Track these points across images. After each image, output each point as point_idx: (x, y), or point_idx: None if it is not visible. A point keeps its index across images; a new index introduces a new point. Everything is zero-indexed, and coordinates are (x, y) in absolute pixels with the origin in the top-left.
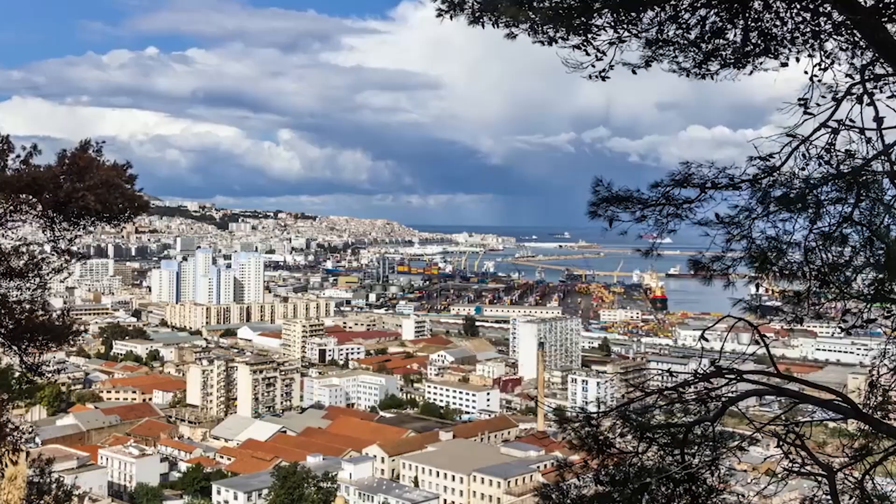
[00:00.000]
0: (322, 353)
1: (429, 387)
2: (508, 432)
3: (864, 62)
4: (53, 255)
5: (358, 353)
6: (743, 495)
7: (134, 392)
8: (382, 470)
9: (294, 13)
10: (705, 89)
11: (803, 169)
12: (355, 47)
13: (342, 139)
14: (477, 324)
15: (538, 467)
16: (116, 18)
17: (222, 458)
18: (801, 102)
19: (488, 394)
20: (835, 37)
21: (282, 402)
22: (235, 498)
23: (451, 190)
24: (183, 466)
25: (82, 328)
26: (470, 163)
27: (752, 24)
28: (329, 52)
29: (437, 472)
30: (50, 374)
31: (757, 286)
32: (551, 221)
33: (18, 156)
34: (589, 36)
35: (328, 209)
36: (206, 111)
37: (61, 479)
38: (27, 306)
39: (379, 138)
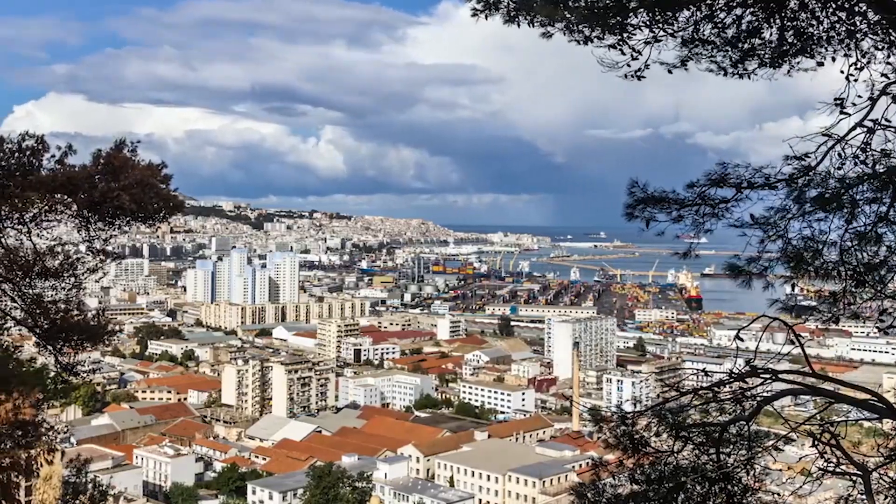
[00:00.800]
0: (357, 352)
1: (464, 386)
2: (543, 432)
3: None
4: (88, 254)
5: (393, 352)
6: (778, 494)
7: (169, 392)
8: (417, 470)
9: (356, 4)
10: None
11: (839, 168)
12: (412, 41)
13: (393, 136)
14: (512, 323)
15: (573, 467)
16: (166, 5)
17: (257, 457)
18: (837, 102)
19: (523, 393)
20: (870, 36)
21: (317, 402)
22: (270, 498)
23: (505, 189)
24: (218, 466)
25: (117, 328)
26: (528, 160)
27: (788, 24)
28: (391, 45)
29: (473, 472)
30: (85, 374)
31: (793, 286)
32: (609, 221)
33: (53, 155)
34: (624, 35)
35: (372, 209)
36: (254, 106)
37: (96, 478)
38: (62, 306)
39: (433, 135)
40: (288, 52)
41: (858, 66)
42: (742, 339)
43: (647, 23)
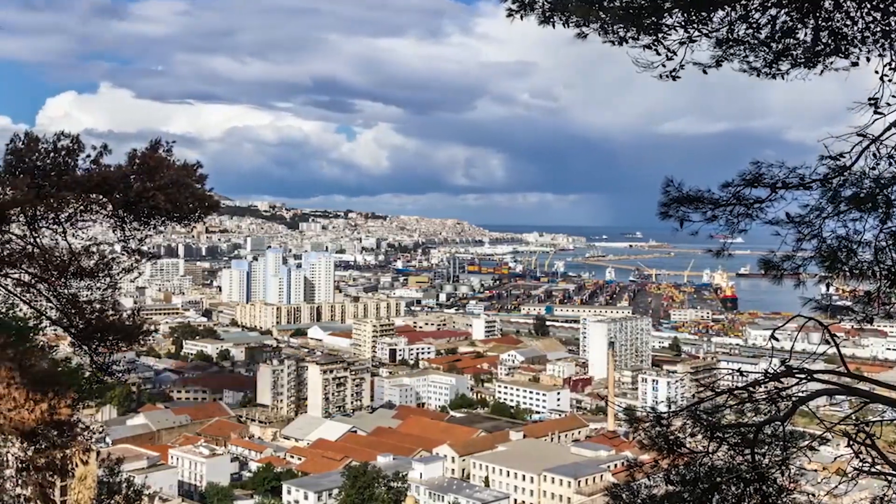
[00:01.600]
0: (392, 352)
1: (499, 386)
2: (579, 432)
3: None
4: (124, 254)
5: (428, 352)
6: (813, 495)
7: (204, 392)
8: (453, 470)
9: None
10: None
11: (874, 168)
12: (474, 34)
13: (447, 133)
14: (547, 323)
15: (608, 467)
16: None
17: (293, 457)
18: (872, 102)
19: (558, 393)
20: None
21: (352, 402)
22: (306, 498)
23: (558, 189)
24: (253, 466)
25: (153, 328)
26: (586, 158)
27: (823, 24)
28: (453, 38)
29: (508, 472)
30: (120, 374)
31: (827, 286)
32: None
33: (88, 155)
34: (659, 35)
35: (417, 208)
36: (309, 100)
37: (132, 478)
38: (97, 306)
39: (488, 133)
40: (344, 43)
41: (893, 66)
42: (777, 339)
43: (682, 23)
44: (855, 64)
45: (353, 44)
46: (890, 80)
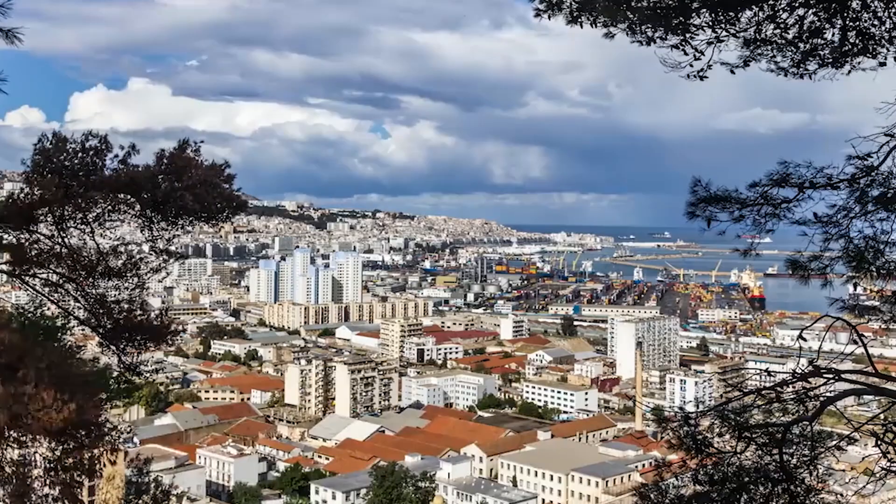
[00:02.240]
0: (420, 352)
1: (527, 386)
2: (606, 432)
3: None
4: (152, 254)
5: (456, 352)
6: (841, 495)
7: (232, 392)
8: (481, 469)
9: None
10: None
11: None
12: (523, 30)
13: (489, 131)
14: (575, 323)
15: (636, 467)
16: None
17: (320, 457)
18: None
19: (586, 393)
20: None
21: (380, 402)
22: (334, 497)
23: (602, 188)
24: (281, 466)
25: (180, 328)
26: (638, 157)
27: (850, 24)
28: (500, 33)
29: (536, 472)
30: (148, 374)
31: (855, 285)
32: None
33: (116, 155)
34: (687, 36)
35: (452, 209)
36: (356, 96)
37: (159, 478)
38: (125, 306)
39: (533, 131)
40: (388, 36)
41: None
42: (805, 339)
43: (710, 23)
44: (882, 64)
45: (397, 36)
46: None
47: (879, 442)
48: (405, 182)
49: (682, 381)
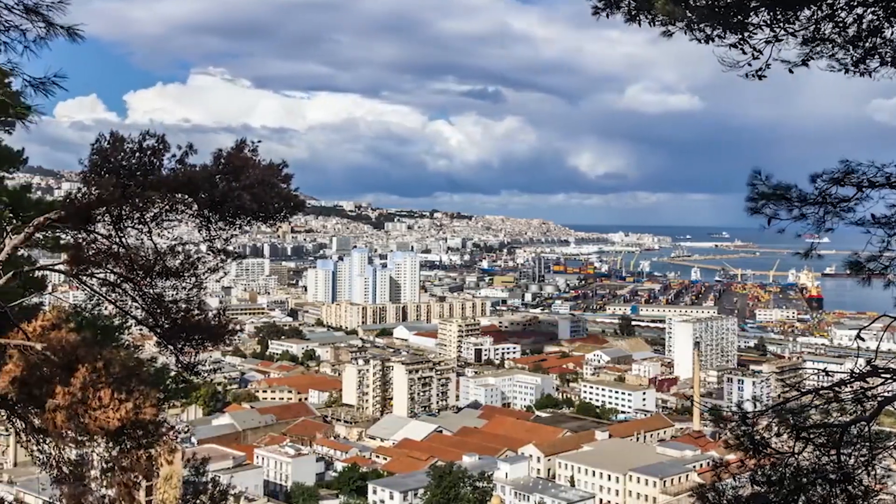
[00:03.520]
0: (478, 352)
1: (584, 386)
2: (664, 432)
3: None
4: (209, 254)
5: (514, 352)
6: None
7: (290, 392)
8: (538, 469)
9: None
10: None
11: None
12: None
13: (581, 128)
14: (632, 323)
15: (694, 467)
16: None
17: (378, 457)
18: None
19: (644, 393)
20: None
21: (437, 402)
22: (391, 497)
23: (688, 188)
24: (339, 466)
25: (238, 328)
26: (742, 154)
27: None
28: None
29: (593, 472)
30: (206, 374)
31: None
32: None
33: (174, 155)
34: (745, 34)
35: (524, 209)
36: (454, 88)
37: (217, 478)
38: (183, 306)
39: (633, 127)
40: (478, 20)
41: None
42: (863, 339)
43: (769, 22)
44: None
45: (486, 21)
46: None
47: None
48: (481, 179)
49: (739, 381)
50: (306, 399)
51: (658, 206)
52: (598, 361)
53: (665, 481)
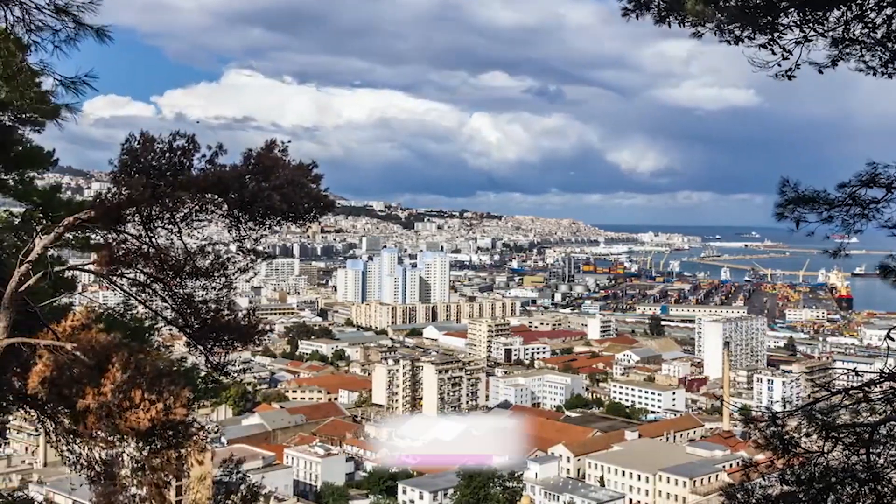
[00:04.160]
0: (508, 352)
1: (614, 386)
2: (694, 432)
3: None
4: (239, 254)
5: (543, 352)
6: None
7: (319, 392)
8: (568, 469)
9: None
10: None
11: None
12: None
13: (627, 124)
14: (662, 323)
15: (724, 467)
16: None
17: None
18: None
19: (674, 393)
20: None
21: (467, 402)
22: (421, 497)
23: (730, 187)
24: (368, 466)
25: (268, 328)
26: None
27: None
28: None
29: (623, 472)
30: (235, 374)
31: None
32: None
33: (204, 155)
34: (775, 35)
35: (565, 210)
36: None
37: (247, 478)
38: (213, 306)
39: (681, 125)
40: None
41: None
42: (893, 339)
43: (798, 22)
44: None
45: (537, 13)
46: None
47: None
48: (522, 178)
49: (769, 381)
50: (336, 399)
51: (699, 206)
52: (628, 361)
53: (695, 481)
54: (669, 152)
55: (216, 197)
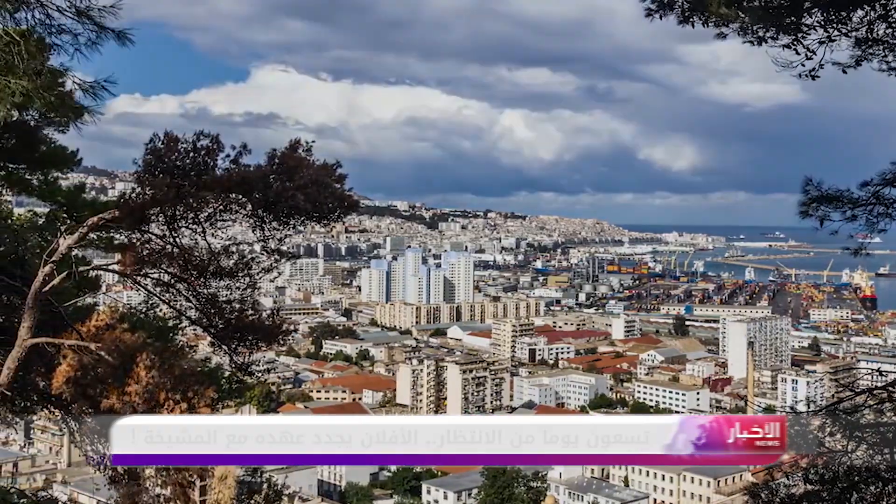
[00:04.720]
0: (532, 352)
1: (638, 386)
2: None
3: None
4: (263, 254)
5: (567, 352)
6: None
7: (344, 391)
8: (592, 469)
9: None
10: None
11: None
12: None
13: (667, 122)
14: (686, 323)
15: (748, 467)
16: None
17: None
18: None
19: (698, 393)
20: None
21: (491, 402)
22: (445, 497)
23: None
24: (393, 466)
25: (292, 328)
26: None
27: None
28: None
29: (647, 472)
30: (260, 374)
31: None
32: None
33: (228, 155)
34: (799, 35)
35: (596, 210)
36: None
37: (271, 478)
38: (237, 306)
39: (721, 122)
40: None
41: None
42: None
43: (822, 22)
44: None
45: (578, 6)
46: None
47: None
48: (557, 176)
49: (793, 380)
50: (360, 399)
51: (733, 206)
52: (652, 361)
53: (719, 481)
54: (705, 150)
55: (240, 197)
